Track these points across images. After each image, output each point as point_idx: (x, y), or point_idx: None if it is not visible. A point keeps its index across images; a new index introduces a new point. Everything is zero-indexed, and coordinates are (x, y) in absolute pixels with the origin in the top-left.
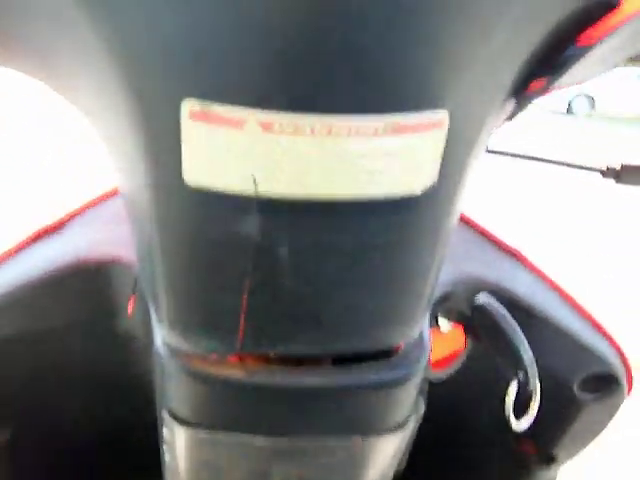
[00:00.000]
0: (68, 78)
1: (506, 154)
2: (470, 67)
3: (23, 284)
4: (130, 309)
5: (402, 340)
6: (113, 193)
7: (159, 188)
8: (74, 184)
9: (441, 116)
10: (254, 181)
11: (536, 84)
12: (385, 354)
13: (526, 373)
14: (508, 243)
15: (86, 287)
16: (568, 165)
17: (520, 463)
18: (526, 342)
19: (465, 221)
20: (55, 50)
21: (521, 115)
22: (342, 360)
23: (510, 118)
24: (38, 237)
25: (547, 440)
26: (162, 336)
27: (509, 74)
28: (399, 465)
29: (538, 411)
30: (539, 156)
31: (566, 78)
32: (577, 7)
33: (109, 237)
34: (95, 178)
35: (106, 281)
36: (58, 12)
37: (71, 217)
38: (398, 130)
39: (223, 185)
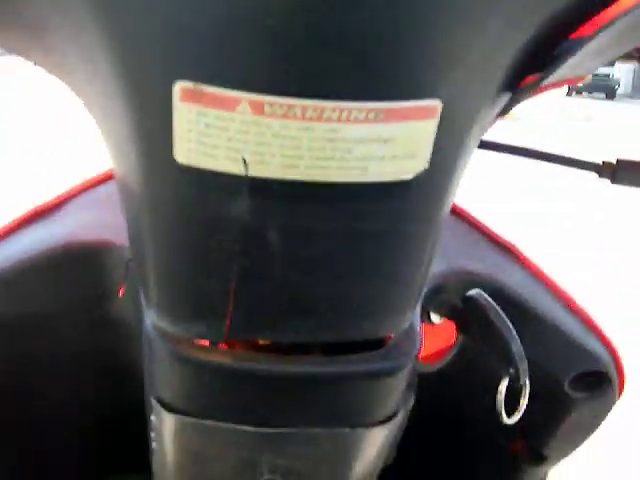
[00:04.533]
0: (63, 59)
1: (497, 148)
2: (464, 58)
3: (13, 265)
4: (121, 293)
5: (392, 331)
6: (109, 176)
7: (150, 168)
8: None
9: (434, 105)
10: (244, 163)
11: (531, 78)
12: (375, 344)
13: (517, 369)
14: (502, 237)
15: (77, 270)
16: (562, 161)
17: (510, 462)
18: (517, 338)
19: (459, 214)
20: (50, 28)
21: None
22: (331, 349)
23: (504, 113)
24: (31, 218)
25: (538, 439)
26: (151, 320)
27: (503, 66)
28: (386, 460)
29: (529, 409)
30: (531, 150)
31: (562, 72)
32: None
33: (103, 220)
34: None
35: (98, 264)
36: None
37: (65, 199)
38: (390, 117)
39: (214, 165)
